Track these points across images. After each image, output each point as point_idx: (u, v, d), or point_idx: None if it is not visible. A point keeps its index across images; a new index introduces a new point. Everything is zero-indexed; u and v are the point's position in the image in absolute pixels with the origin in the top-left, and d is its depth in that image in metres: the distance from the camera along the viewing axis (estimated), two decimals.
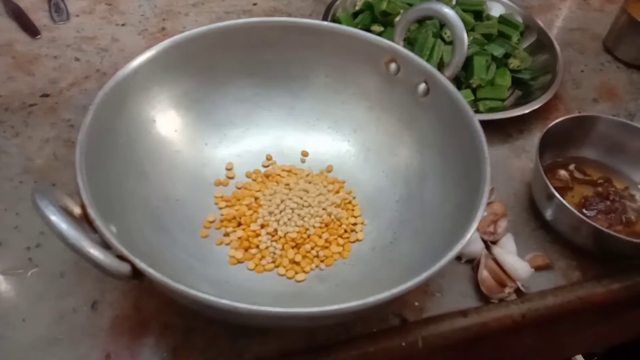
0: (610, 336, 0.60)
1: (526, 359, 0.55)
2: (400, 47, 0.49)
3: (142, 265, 0.31)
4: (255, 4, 0.75)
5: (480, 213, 0.37)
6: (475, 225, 0.36)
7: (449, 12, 0.47)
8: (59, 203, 0.32)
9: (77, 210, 0.35)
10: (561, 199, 0.47)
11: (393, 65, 0.50)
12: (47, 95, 0.59)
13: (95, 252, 0.30)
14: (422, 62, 0.48)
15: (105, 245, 0.33)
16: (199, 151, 0.50)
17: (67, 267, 0.44)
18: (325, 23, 0.51)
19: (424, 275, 0.33)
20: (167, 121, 0.49)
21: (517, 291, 0.45)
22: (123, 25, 0.69)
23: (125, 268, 0.31)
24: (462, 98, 0.45)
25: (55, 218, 0.30)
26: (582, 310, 0.47)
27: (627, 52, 0.72)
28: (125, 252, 0.31)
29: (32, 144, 0.54)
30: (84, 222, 0.34)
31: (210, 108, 0.51)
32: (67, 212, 0.33)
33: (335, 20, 0.68)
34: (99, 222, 0.33)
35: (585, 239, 0.49)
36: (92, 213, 0.33)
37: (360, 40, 0.50)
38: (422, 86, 0.48)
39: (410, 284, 0.33)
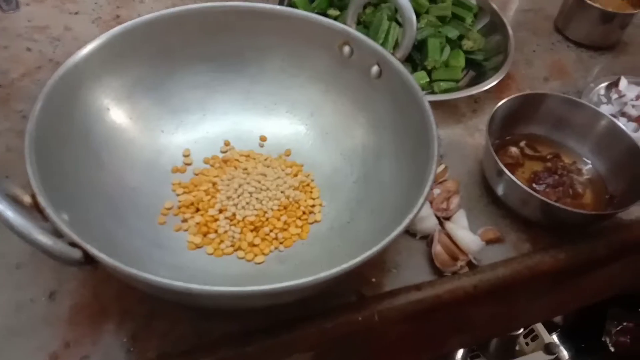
0: (563, 304, 0.62)
1: (484, 329, 0.57)
2: (352, 30, 0.50)
3: (93, 250, 0.31)
4: None
5: (428, 189, 0.38)
6: (422, 200, 0.37)
7: None
8: (6, 192, 0.32)
9: (27, 200, 0.35)
10: (510, 174, 0.49)
11: (347, 48, 0.51)
12: None
13: (43, 238, 0.30)
14: (374, 44, 0.49)
15: (58, 234, 0.33)
16: (155, 138, 0.50)
17: (24, 258, 0.44)
18: (279, 7, 0.52)
19: (373, 250, 0.34)
20: (121, 109, 0.48)
21: (470, 264, 0.47)
22: (76, 13, 0.68)
23: (76, 254, 0.32)
24: (412, 79, 0.46)
25: (1, 206, 0.30)
26: (531, 279, 0.49)
27: (576, 31, 0.74)
28: (75, 237, 0.32)
29: None
30: (35, 211, 0.34)
31: (166, 95, 0.51)
32: (16, 202, 0.33)
33: (291, 4, 0.68)
34: (49, 210, 0.33)
35: (534, 212, 0.51)
36: (42, 201, 0.33)
37: (314, 23, 0.51)
38: (375, 68, 0.49)
39: (359, 259, 0.34)
